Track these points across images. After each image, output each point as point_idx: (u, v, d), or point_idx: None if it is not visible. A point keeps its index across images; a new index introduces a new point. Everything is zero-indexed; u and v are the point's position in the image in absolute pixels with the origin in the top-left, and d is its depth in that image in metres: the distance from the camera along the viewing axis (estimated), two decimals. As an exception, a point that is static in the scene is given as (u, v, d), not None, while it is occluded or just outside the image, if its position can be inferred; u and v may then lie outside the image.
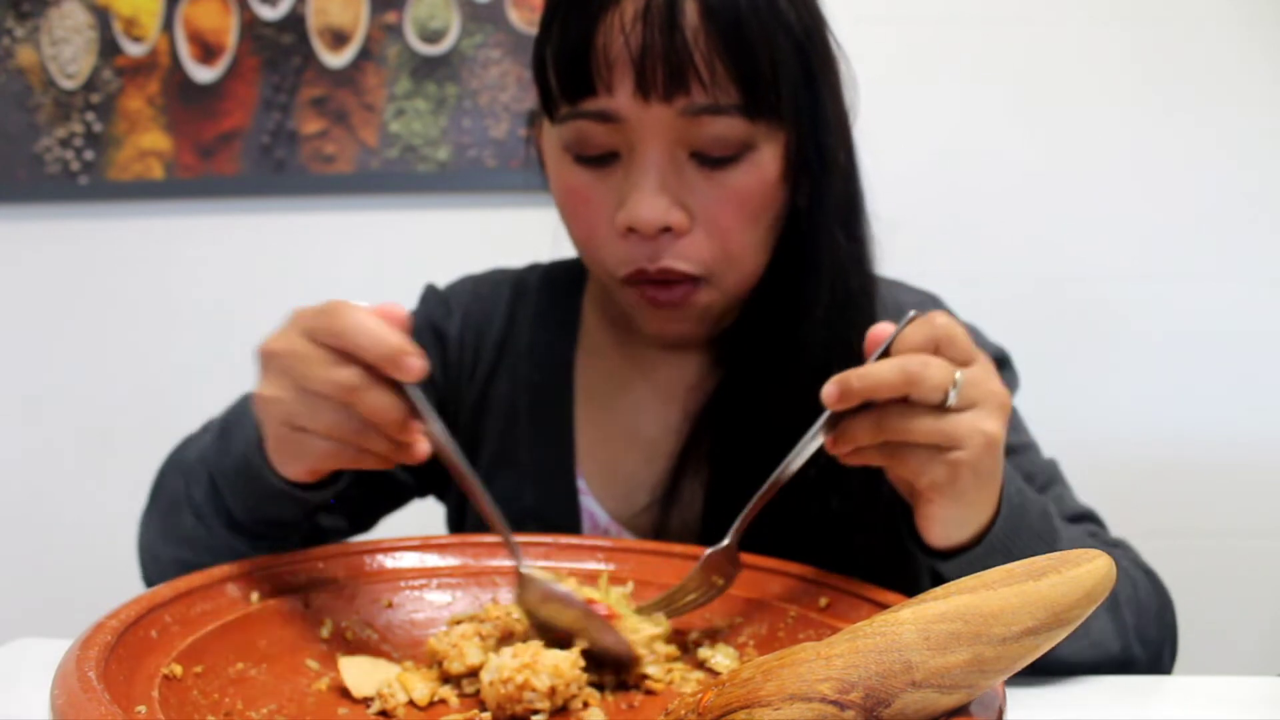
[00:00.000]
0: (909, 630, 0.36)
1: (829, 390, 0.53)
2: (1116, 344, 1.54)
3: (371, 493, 0.80)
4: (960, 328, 0.54)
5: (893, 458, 0.55)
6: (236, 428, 0.64)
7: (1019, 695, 0.62)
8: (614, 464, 0.81)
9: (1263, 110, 1.50)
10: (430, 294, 0.90)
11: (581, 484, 0.81)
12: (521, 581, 0.56)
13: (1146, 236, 1.53)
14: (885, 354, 0.54)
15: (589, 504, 0.81)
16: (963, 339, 0.54)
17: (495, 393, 0.84)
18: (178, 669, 0.47)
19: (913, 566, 0.67)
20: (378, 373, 0.51)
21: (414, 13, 1.58)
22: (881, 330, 0.55)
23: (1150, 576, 0.71)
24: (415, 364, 0.51)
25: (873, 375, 0.52)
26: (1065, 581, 0.38)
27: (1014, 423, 0.80)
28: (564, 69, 0.65)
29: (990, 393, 0.54)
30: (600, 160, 0.68)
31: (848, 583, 0.59)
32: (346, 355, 0.51)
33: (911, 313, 0.56)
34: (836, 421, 0.55)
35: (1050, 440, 0.82)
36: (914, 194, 1.51)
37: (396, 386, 0.52)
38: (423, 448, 0.54)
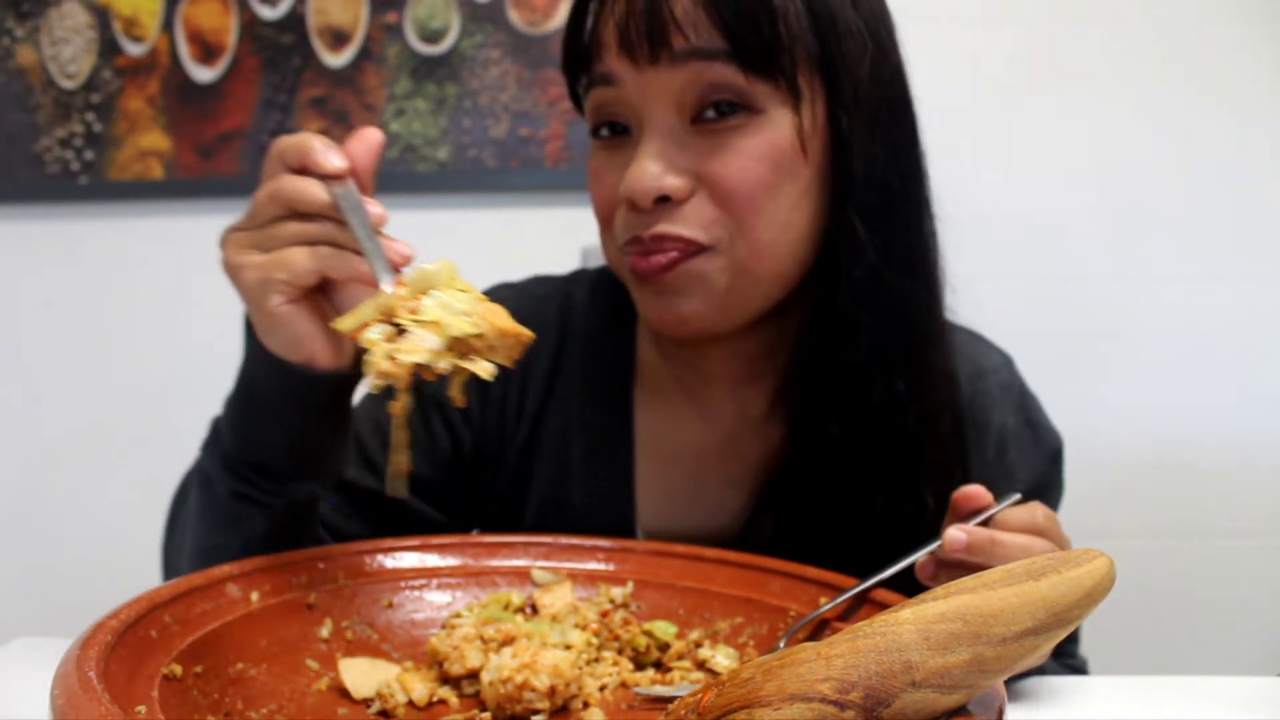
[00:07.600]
0: (909, 630, 0.36)
1: (956, 538, 0.56)
2: (1116, 344, 1.54)
3: (393, 526, 0.74)
4: (1055, 518, 0.60)
5: None
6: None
7: (1019, 695, 0.62)
8: (675, 521, 0.77)
9: (1263, 110, 1.50)
10: None
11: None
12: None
13: (1146, 236, 1.53)
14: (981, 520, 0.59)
15: None
16: (1057, 533, 0.59)
17: (546, 431, 0.79)
18: (178, 669, 0.47)
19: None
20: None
21: (414, 13, 1.58)
22: (978, 496, 0.59)
23: None
24: (329, 162, 0.56)
25: (1005, 549, 0.55)
26: (1065, 581, 0.38)
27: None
28: (569, 44, 0.72)
29: None
30: (615, 136, 0.70)
31: (848, 582, 0.59)
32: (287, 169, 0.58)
33: (1015, 495, 0.61)
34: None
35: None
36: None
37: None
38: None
